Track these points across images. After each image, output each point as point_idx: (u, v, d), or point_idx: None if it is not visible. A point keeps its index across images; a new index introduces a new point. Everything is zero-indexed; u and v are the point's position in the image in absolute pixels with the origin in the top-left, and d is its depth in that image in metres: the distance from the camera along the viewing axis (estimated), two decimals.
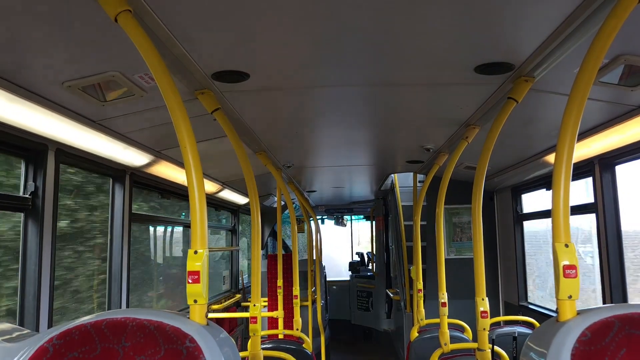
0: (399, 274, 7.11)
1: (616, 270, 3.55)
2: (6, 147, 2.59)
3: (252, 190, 2.85)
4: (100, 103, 2.53)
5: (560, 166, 1.66)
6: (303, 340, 4.63)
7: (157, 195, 4.76)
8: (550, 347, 1.51)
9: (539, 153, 4.14)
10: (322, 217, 11.70)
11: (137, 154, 3.49)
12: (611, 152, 3.42)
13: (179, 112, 1.73)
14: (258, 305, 2.87)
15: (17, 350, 1.58)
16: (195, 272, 1.69)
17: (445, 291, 3.81)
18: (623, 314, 1.51)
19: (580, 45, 1.97)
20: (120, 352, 1.53)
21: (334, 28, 1.94)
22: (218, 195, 5.87)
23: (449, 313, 3.87)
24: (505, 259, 5.95)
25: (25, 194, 2.72)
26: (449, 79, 2.58)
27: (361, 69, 2.43)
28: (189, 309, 1.71)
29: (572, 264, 1.62)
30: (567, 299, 1.61)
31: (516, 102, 2.46)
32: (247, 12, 1.78)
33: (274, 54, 2.21)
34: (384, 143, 4.45)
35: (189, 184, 1.73)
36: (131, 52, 1.78)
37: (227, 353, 1.58)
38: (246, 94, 2.70)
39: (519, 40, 2.08)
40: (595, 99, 2.68)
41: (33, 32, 1.85)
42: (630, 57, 2.16)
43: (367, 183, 7.37)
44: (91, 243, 3.74)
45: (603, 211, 3.60)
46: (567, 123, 1.67)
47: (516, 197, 5.59)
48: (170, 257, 5.77)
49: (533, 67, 2.29)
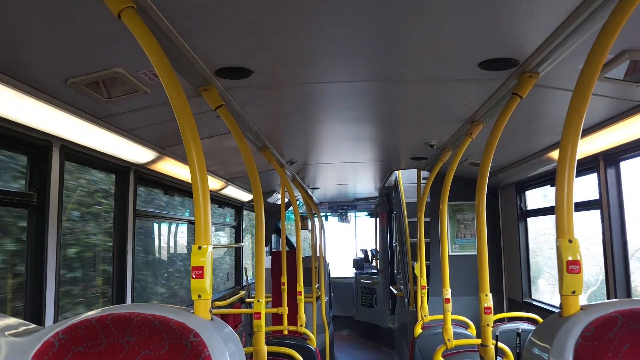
0: (403, 270, 7.11)
1: (620, 265, 3.54)
2: (11, 143, 2.61)
3: (256, 187, 2.85)
4: (104, 100, 2.54)
5: (565, 162, 1.66)
6: (307, 336, 4.64)
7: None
8: (554, 342, 1.51)
9: (543, 149, 4.13)
10: (326, 214, 11.70)
11: (141, 151, 3.50)
12: (616, 148, 3.41)
13: (183, 108, 1.74)
14: (262, 301, 2.88)
15: (23, 344, 1.59)
16: (200, 268, 1.70)
17: (449, 287, 3.81)
18: (627, 310, 1.51)
19: (584, 40, 1.96)
20: (126, 346, 1.54)
21: (337, 24, 1.94)
22: (222, 192, 5.88)
23: (453, 309, 3.88)
24: (509, 256, 5.94)
25: (30, 190, 2.73)
26: (453, 75, 2.57)
27: (365, 64, 2.43)
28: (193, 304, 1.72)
29: (576, 259, 1.62)
30: (570, 294, 1.61)
31: (520, 98, 2.45)
32: (250, 8, 1.78)
33: (278, 50, 2.21)
34: (388, 139, 4.44)
35: (193, 181, 1.74)
36: (135, 49, 1.78)
37: (231, 348, 1.59)
38: (250, 90, 2.70)
39: (523, 36, 2.07)
40: (600, 95, 2.66)
41: (37, 29, 1.85)
42: (636, 53, 2.15)
43: (371, 180, 7.36)
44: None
45: (608, 207, 3.59)
46: (572, 119, 1.67)
47: (520, 193, 5.58)
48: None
49: (537, 62, 2.29)
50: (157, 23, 1.83)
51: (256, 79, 2.50)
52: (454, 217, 6.19)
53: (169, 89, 1.73)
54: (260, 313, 2.88)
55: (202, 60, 2.23)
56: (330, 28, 1.98)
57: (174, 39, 1.97)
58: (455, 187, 4.00)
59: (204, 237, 1.72)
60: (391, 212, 9.11)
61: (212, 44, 2.10)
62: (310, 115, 3.46)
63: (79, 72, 2.24)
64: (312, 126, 3.76)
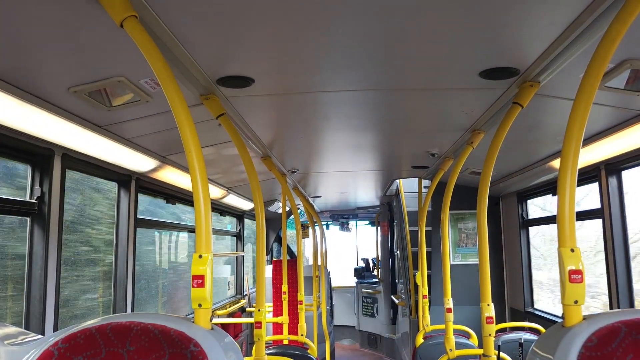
0: (404, 279, 7.09)
1: (623, 275, 3.53)
2: (12, 152, 2.61)
3: (257, 196, 2.85)
4: (106, 108, 2.55)
5: (566, 171, 1.66)
6: (308, 345, 4.62)
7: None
8: (556, 353, 1.50)
9: (544, 158, 4.13)
10: (327, 223, 11.69)
11: (142, 159, 3.51)
12: (617, 157, 3.40)
13: (184, 117, 1.74)
14: (263, 311, 2.87)
15: (22, 353, 1.58)
16: (200, 277, 1.69)
17: (450, 297, 3.79)
18: (630, 320, 1.50)
19: (585, 50, 1.97)
20: (125, 356, 1.53)
21: (338, 33, 1.95)
22: (223, 200, 5.88)
23: (455, 319, 3.86)
24: (510, 265, 5.92)
25: (32, 198, 2.73)
26: (454, 84, 2.58)
27: (366, 73, 2.44)
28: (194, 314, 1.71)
29: (578, 269, 1.61)
30: (573, 304, 1.60)
31: (521, 107, 2.45)
32: (251, 17, 1.79)
33: (279, 59, 2.21)
34: (389, 148, 4.45)
35: (194, 189, 1.74)
36: (137, 58, 1.79)
37: (231, 358, 1.58)
38: (251, 99, 2.71)
39: (524, 45, 2.07)
40: (601, 104, 2.67)
41: (39, 38, 1.86)
42: (636, 62, 2.15)
43: (372, 188, 7.36)
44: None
45: (610, 216, 3.58)
46: (573, 128, 1.67)
47: (522, 202, 5.57)
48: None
49: (538, 72, 2.29)
50: (159, 32, 1.84)
51: (258, 88, 2.50)
52: (455, 226, 6.17)
53: (170, 97, 1.74)
54: (260, 322, 2.86)
55: (203, 69, 2.24)
56: (331, 37, 1.99)
57: (175, 48, 1.98)
58: (457, 196, 4.00)
59: (205, 245, 1.72)
60: (392, 221, 9.10)
61: (214, 53, 2.10)
62: (312, 124, 3.47)
63: (81, 80, 2.25)
64: (313, 135, 3.76)
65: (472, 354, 3.85)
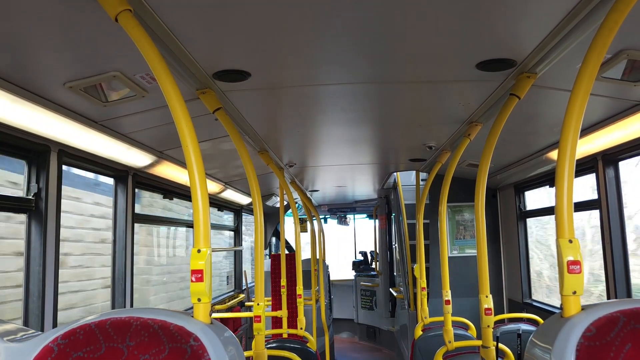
0: (403, 272, 7.11)
1: (620, 265, 3.54)
2: (8, 148, 2.60)
3: (254, 190, 2.85)
4: (102, 103, 2.54)
5: (564, 162, 1.66)
6: (307, 339, 4.63)
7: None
8: (555, 343, 1.50)
9: (541, 150, 4.13)
10: (325, 217, 11.69)
11: (139, 155, 3.50)
12: (614, 148, 3.41)
13: (181, 112, 1.73)
14: (262, 305, 2.87)
15: (22, 350, 1.58)
16: (199, 271, 1.69)
17: (448, 289, 3.80)
18: (628, 309, 1.51)
19: (582, 40, 1.96)
20: (125, 351, 1.53)
21: (334, 26, 1.94)
22: (221, 195, 5.88)
23: (453, 311, 3.87)
24: (508, 256, 5.94)
25: (29, 195, 2.72)
26: (451, 76, 2.57)
27: (362, 66, 2.43)
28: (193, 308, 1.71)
29: (577, 259, 1.61)
30: (571, 294, 1.61)
31: (518, 98, 2.45)
32: (247, 10, 1.78)
33: (275, 53, 2.20)
34: (386, 141, 4.44)
35: (192, 184, 1.73)
36: (132, 52, 1.78)
37: (231, 352, 1.58)
38: (247, 93, 2.70)
39: (520, 37, 2.07)
40: (598, 95, 2.67)
41: (34, 33, 1.85)
42: (633, 52, 2.15)
43: (370, 182, 7.36)
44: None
45: (607, 207, 3.59)
46: (570, 119, 1.66)
47: (519, 194, 5.58)
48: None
49: (535, 63, 2.29)
50: (155, 26, 1.83)
51: (254, 82, 2.49)
52: (453, 219, 6.18)
53: (166, 92, 1.73)
54: (260, 316, 2.87)
55: (199, 63, 2.22)
56: (327, 30, 1.98)
57: (171, 42, 1.97)
58: (454, 188, 4.00)
59: (204, 240, 1.71)
60: (390, 214, 9.11)
61: (210, 47, 2.09)
62: (309, 118, 3.46)
63: (77, 75, 2.23)
64: (310, 128, 3.75)
65: (470, 346, 3.87)
